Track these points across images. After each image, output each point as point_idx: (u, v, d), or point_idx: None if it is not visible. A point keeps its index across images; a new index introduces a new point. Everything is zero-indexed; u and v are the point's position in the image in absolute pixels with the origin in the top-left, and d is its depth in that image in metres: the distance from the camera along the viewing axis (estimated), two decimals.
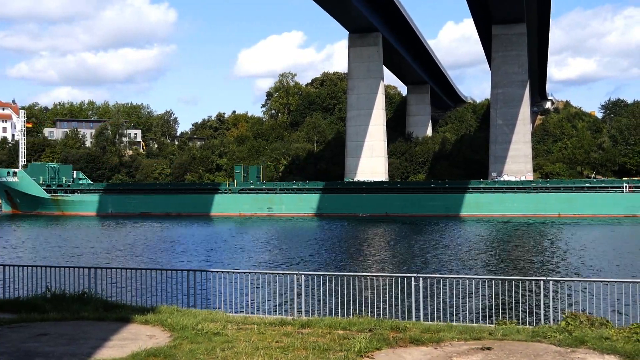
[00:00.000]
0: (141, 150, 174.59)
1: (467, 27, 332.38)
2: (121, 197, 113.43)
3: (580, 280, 18.56)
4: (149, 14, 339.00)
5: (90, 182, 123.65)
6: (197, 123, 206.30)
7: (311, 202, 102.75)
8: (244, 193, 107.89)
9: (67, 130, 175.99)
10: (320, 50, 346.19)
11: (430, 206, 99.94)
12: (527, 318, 17.95)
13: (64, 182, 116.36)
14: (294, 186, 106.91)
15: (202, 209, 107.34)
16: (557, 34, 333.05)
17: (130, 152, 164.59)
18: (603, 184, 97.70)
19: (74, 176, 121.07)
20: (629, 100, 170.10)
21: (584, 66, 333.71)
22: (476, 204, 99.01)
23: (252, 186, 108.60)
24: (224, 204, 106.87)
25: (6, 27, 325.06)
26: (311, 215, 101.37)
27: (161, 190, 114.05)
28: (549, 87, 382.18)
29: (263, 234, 68.97)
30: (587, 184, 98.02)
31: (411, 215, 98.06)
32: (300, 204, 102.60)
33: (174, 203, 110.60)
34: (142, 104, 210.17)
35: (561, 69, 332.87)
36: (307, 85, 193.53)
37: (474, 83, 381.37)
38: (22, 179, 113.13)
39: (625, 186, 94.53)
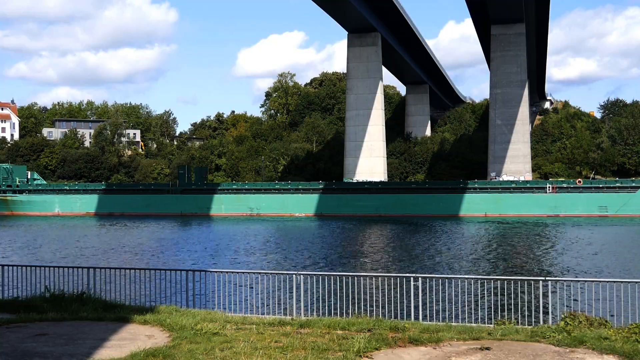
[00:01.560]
0: (140, 150, 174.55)
1: (468, 27, 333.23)
2: (68, 197, 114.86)
3: (579, 280, 18.56)
4: (150, 14, 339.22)
5: (45, 182, 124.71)
6: (196, 123, 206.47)
7: (249, 202, 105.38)
8: (185, 193, 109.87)
9: (66, 130, 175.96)
10: (321, 51, 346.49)
11: (362, 206, 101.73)
12: (526, 318, 17.96)
13: (17, 182, 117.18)
14: (234, 187, 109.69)
15: (146, 208, 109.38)
16: (558, 33, 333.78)
17: (129, 152, 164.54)
18: (528, 185, 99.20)
19: (29, 177, 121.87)
20: (628, 101, 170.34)
21: (584, 66, 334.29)
22: (413, 205, 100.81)
23: (193, 187, 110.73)
24: (166, 204, 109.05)
25: (6, 26, 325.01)
26: (247, 214, 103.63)
27: (106, 191, 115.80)
28: (548, 87, 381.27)
29: (188, 233, 70.86)
30: (513, 185, 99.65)
31: (349, 214, 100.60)
32: (238, 204, 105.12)
33: (119, 203, 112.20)
34: (140, 104, 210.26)
35: (561, 69, 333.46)
36: (306, 85, 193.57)
37: (474, 83, 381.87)
38: None
39: (549, 187, 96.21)
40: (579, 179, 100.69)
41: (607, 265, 41.19)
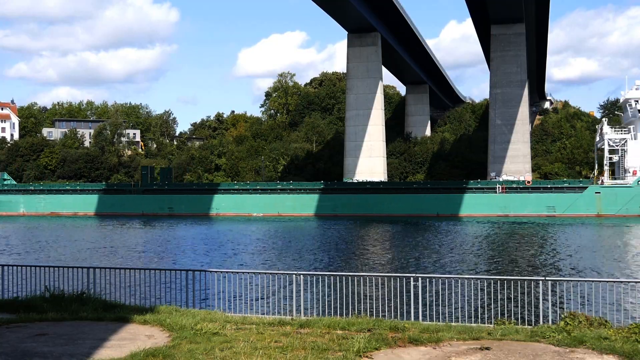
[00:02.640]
0: (140, 150, 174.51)
1: (469, 27, 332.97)
2: (32, 198, 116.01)
3: (579, 280, 18.55)
4: (151, 14, 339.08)
5: (14, 183, 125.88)
6: (195, 123, 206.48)
7: (207, 202, 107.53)
8: (147, 194, 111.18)
9: (66, 130, 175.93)
10: (322, 51, 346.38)
11: (321, 206, 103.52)
12: (526, 318, 17.95)
13: None
14: (194, 187, 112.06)
15: (108, 208, 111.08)
16: (558, 33, 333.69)
17: (129, 152, 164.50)
18: (479, 185, 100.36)
19: None
20: None
21: (584, 66, 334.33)
22: (366, 205, 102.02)
23: (155, 187, 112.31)
24: (128, 204, 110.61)
25: (6, 26, 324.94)
26: (205, 214, 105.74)
27: (71, 191, 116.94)
28: (549, 87, 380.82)
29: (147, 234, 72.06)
30: (464, 185, 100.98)
31: (303, 214, 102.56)
32: (198, 204, 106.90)
33: (82, 203, 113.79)
34: (140, 104, 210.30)
35: (562, 69, 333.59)
36: (305, 85, 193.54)
37: (474, 83, 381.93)
38: None
39: (499, 187, 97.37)
40: (528, 180, 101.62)
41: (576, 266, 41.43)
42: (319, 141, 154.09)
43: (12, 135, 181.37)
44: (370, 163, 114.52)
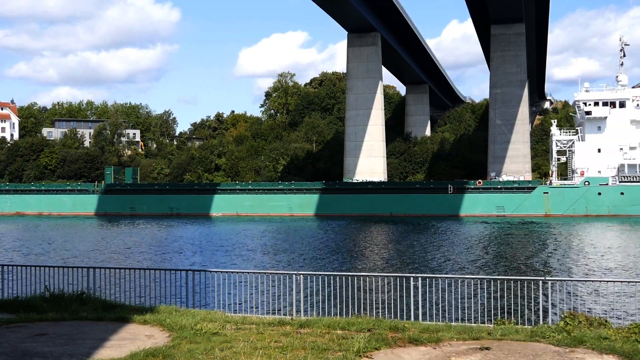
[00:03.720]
0: (140, 150, 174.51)
1: (470, 27, 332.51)
2: None
3: (579, 280, 18.56)
4: (153, 14, 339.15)
5: None
6: (195, 123, 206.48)
7: (169, 202, 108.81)
8: (109, 194, 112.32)
9: (66, 130, 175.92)
10: (323, 51, 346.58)
11: (277, 206, 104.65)
12: (526, 318, 17.95)
13: None
14: (155, 187, 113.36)
15: (72, 208, 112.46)
16: (560, 33, 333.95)
17: (129, 152, 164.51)
18: (432, 186, 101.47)
19: None
20: None
21: (586, 66, 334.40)
22: (327, 205, 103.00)
23: (117, 187, 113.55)
24: (91, 204, 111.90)
25: (7, 26, 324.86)
26: (167, 214, 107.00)
27: (36, 191, 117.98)
28: (550, 87, 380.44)
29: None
30: (417, 186, 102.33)
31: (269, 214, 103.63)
32: (159, 204, 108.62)
33: (47, 203, 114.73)
34: (140, 103, 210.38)
35: (563, 69, 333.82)
36: (305, 85, 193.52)
37: (474, 83, 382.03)
38: None
39: (450, 187, 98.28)
40: (479, 180, 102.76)
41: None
42: (319, 141, 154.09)
43: (12, 135, 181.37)
44: (370, 163, 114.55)
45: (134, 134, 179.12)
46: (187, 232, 71.96)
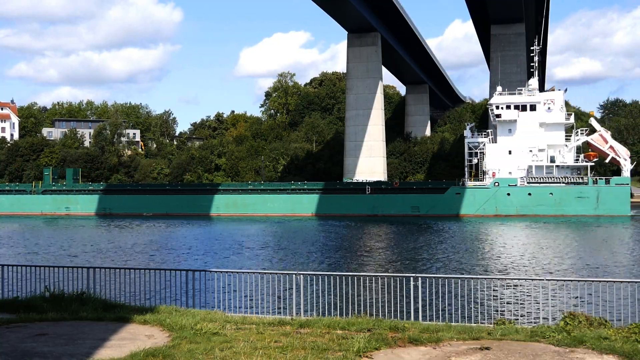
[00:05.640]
0: (140, 150, 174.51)
1: (472, 26, 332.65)
2: None
3: (579, 280, 18.56)
4: (155, 14, 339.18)
5: None
6: (195, 123, 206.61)
7: (102, 202, 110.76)
8: (47, 194, 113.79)
9: (66, 130, 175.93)
10: (324, 51, 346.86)
11: (213, 206, 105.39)
12: (526, 318, 17.95)
13: None
14: (90, 187, 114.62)
15: (7, 208, 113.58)
16: (562, 33, 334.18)
17: (129, 152, 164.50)
18: (352, 186, 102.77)
19: None
20: (628, 101, 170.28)
21: (587, 66, 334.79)
22: (242, 204, 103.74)
23: (54, 187, 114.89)
24: (29, 204, 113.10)
25: (8, 26, 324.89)
26: (101, 214, 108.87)
27: None
28: (551, 86, 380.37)
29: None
30: (338, 186, 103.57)
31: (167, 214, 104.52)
32: (93, 204, 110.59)
33: None
34: (140, 103, 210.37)
35: (565, 69, 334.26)
36: (305, 85, 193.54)
37: (475, 83, 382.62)
38: None
39: (368, 188, 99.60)
40: (396, 181, 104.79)
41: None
42: (318, 141, 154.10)
43: (12, 135, 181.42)
44: (370, 163, 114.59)
45: (134, 134, 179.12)
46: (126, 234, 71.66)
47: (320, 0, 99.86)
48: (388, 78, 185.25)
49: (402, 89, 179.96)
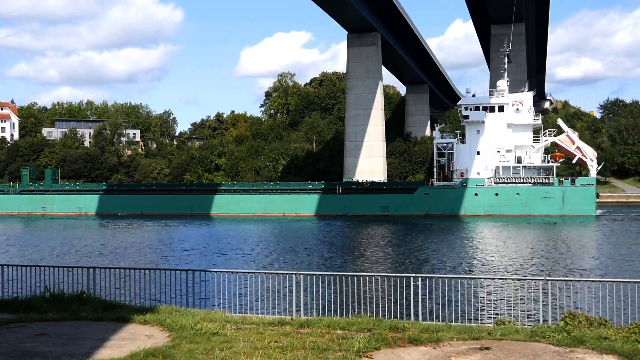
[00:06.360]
0: (140, 150, 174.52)
1: (472, 26, 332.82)
2: None
3: (579, 280, 18.56)
4: (156, 13, 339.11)
5: None
6: (195, 123, 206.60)
7: (77, 202, 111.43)
8: (24, 194, 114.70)
9: (66, 130, 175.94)
10: (325, 50, 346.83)
11: (177, 206, 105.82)
12: (526, 318, 17.95)
13: None
14: (66, 187, 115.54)
15: None
16: (562, 33, 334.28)
17: (129, 152, 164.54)
18: (324, 187, 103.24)
19: None
20: (628, 100, 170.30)
21: (588, 66, 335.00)
22: (217, 204, 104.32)
23: (31, 187, 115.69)
24: (6, 204, 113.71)
25: (8, 25, 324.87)
26: (77, 214, 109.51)
27: None
28: (552, 86, 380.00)
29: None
30: (310, 187, 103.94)
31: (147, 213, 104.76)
32: (69, 204, 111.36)
33: None
34: (140, 103, 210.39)
35: (565, 68, 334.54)
36: (305, 85, 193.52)
37: (475, 83, 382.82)
38: None
39: (338, 188, 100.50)
40: (367, 181, 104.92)
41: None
42: (318, 141, 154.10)
43: (12, 135, 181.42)
44: (370, 163, 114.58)
45: (134, 134, 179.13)
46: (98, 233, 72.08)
47: (320, 0, 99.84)
48: (388, 78, 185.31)
49: (402, 89, 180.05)
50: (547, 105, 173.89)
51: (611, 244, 54.19)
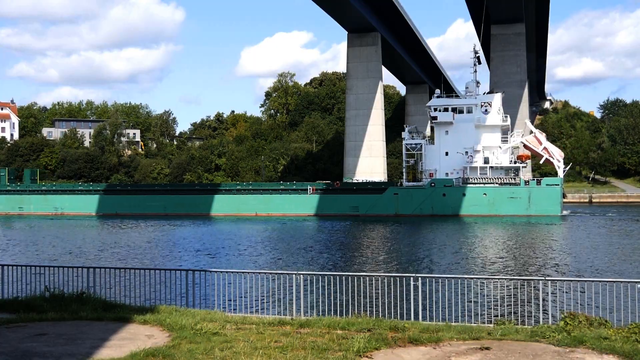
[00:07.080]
0: (140, 150, 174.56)
1: (472, 26, 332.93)
2: None
3: (579, 280, 18.57)
4: (157, 13, 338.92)
5: None
6: (196, 123, 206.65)
7: (54, 202, 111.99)
8: (1, 194, 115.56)
9: (66, 130, 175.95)
10: (326, 50, 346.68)
11: (150, 206, 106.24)
12: (526, 318, 17.95)
13: None
14: (43, 187, 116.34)
15: None
16: (563, 33, 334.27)
17: (129, 152, 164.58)
18: (294, 187, 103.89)
19: None
20: (628, 100, 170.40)
21: (589, 66, 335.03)
22: (191, 204, 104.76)
23: (8, 187, 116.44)
24: None
25: (9, 25, 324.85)
26: (53, 214, 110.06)
27: None
28: (552, 86, 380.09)
29: None
30: (282, 187, 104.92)
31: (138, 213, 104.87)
32: (45, 204, 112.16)
33: None
34: (140, 103, 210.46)
35: (566, 68, 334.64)
36: (305, 85, 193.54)
37: None
38: None
39: (309, 189, 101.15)
40: (337, 182, 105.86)
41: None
42: (318, 141, 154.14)
43: (12, 135, 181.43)
44: (370, 163, 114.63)
45: (134, 134, 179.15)
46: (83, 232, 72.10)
47: (320, 0, 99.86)
48: (388, 78, 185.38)
49: (402, 89, 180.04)
50: (547, 105, 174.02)
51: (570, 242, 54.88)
